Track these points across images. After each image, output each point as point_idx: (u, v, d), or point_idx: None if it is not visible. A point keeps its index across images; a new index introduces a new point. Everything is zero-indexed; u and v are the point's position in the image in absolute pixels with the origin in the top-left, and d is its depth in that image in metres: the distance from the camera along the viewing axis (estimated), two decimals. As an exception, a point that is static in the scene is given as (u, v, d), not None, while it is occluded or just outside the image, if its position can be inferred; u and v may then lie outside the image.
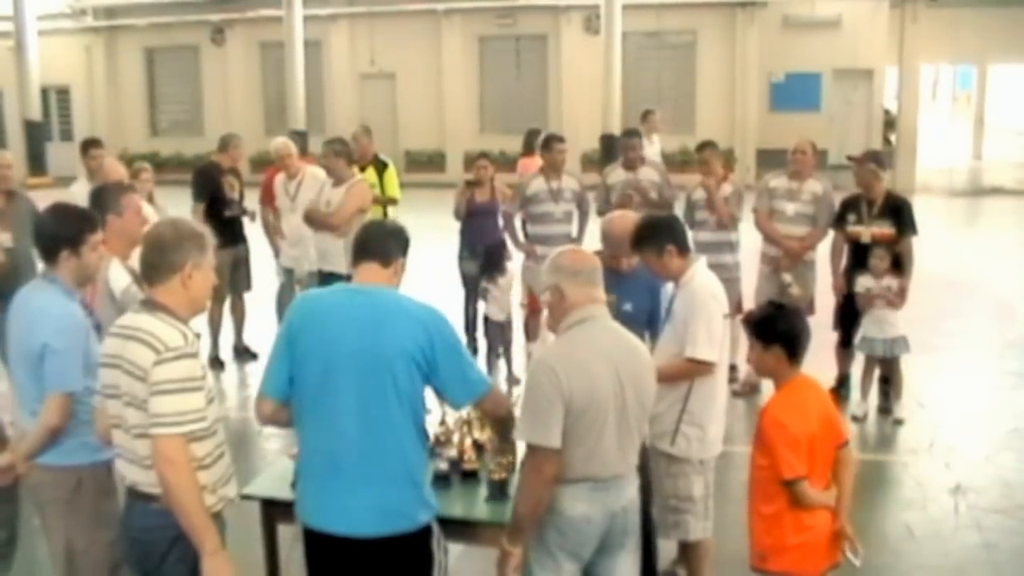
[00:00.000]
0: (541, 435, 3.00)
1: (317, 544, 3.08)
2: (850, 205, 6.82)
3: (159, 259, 2.95)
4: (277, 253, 8.20)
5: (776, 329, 3.40)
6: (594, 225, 6.80)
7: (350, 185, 7.13)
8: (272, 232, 8.25)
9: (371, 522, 2.99)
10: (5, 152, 6.87)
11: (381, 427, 2.98)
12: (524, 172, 9.07)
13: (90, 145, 7.46)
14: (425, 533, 3.09)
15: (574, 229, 7.66)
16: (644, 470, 4.07)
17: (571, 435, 3.02)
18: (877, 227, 6.62)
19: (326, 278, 7.07)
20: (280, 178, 7.90)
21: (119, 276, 4.02)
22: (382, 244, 3.16)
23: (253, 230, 8.27)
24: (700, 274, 4.05)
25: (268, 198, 8.22)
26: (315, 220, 7.17)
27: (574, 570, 3.15)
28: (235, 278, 8.00)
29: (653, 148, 10.62)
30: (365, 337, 2.96)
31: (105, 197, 4.24)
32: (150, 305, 2.94)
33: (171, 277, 2.94)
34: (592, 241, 5.43)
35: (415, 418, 3.07)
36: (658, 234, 4.06)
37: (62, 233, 3.47)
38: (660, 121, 11.59)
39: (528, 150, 10.22)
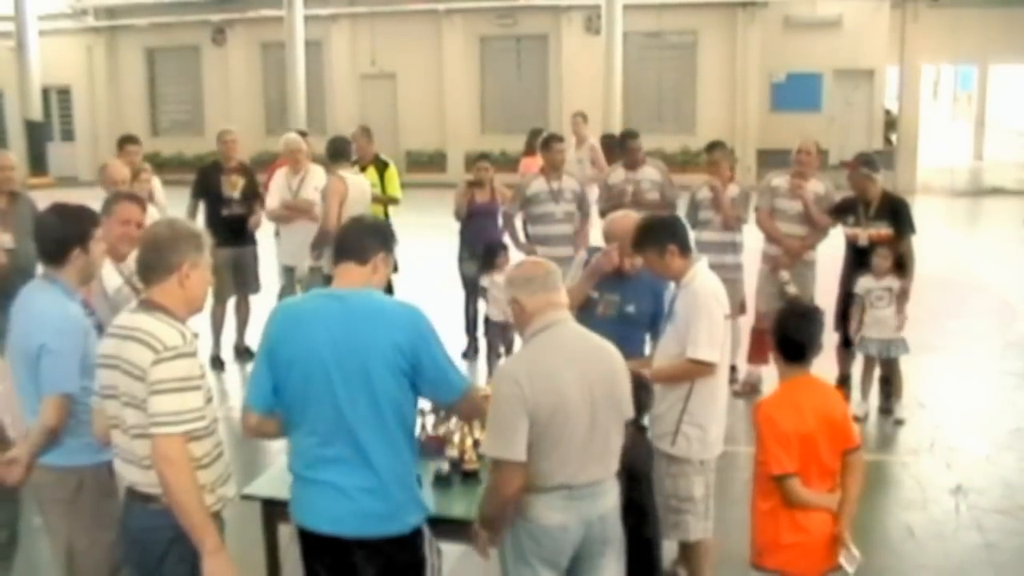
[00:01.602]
0: (506, 449, 2.97)
1: (311, 543, 3.08)
2: (847, 207, 6.82)
3: (156, 259, 2.95)
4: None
5: (775, 325, 3.45)
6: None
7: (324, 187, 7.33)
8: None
9: (358, 524, 2.98)
10: (8, 153, 6.85)
11: (364, 432, 2.95)
12: (526, 172, 9.06)
13: (126, 141, 7.57)
14: (416, 535, 3.08)
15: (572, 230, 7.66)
16: (646, 470, 4.08)
17: (541, 443, 2.99)
18: (874, 228, 6.60)
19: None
20: (283, 171, 7.82)
21: (111, 275, 4.03)
22: (357, 242, 3.11)
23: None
24: (701, 274, 4.04)
25: None
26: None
27: None
28: (241, 280, 7.94)
29: (580, 153, 10.27)
30: (341, 343, 2.93)
31: (105, 202, 4.29)
32: (147, 305, 2.94)
33: (167, 277, 2.94)
34: (595, 241, 5.43)
35: (400, 421, 3.02)
36: (659, 234, 4.06)
37: (71, 232, 3.48)
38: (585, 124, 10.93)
39: (530, 150, 10.20)
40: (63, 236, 3.48)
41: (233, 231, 7.75)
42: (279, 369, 2.99)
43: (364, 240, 3.11)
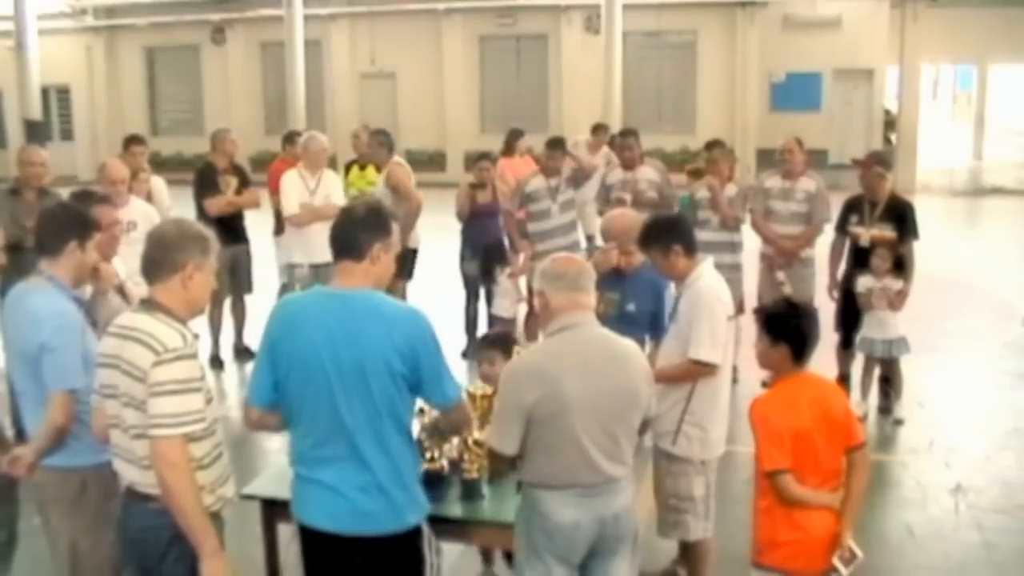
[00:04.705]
0: (497, 441, 3.12)
1: (311, 541, 3.08)
2: (853, 206, 6.80)
3: (161, 256, 2.95)
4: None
5: (787, 328, 3.40)
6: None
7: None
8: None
9: (356, 522, 2.98)
10: (40, 150, 6.60)
11: (360, 433, 2.94)
12: (503, 173, 9.02)
13: (132, 142, 7.55)
14: (414, 534, 3.07)
15: (573, 216, 7.67)
16: None
17: (546, 443, 3.04)
18: (878, 230, 6.57)
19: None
20: (297, 172, 7.60)
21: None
22: (349, 237, 3.00)
23: (255, 230, 8.23)
24: (706, 275, 4.05)
25: (277, 188, 7.92)
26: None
27: (564, 573, 3.14)
28: (235, 280, 7.91)
29: (598, 160, 9.99)
30: (339, 343, 2.90)
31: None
32: (149, 305, 2.94)
33: (171, 276, 2.94)
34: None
35: (396, 422, 2.99)
36: (665, 233, 4.07)
37: (72, 224, 3.50)
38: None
39: (508, 150, 9.95)
40: (63, 227, 3.49)
41: (229, 230, 7.59)
42: (279, 366, 2.99)
43: (357, 234, 3.00)
